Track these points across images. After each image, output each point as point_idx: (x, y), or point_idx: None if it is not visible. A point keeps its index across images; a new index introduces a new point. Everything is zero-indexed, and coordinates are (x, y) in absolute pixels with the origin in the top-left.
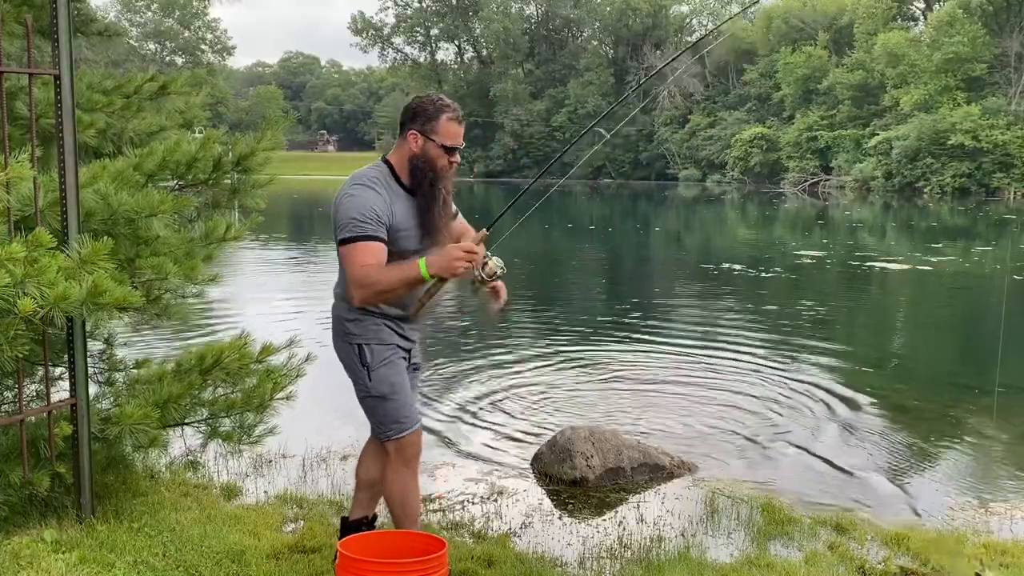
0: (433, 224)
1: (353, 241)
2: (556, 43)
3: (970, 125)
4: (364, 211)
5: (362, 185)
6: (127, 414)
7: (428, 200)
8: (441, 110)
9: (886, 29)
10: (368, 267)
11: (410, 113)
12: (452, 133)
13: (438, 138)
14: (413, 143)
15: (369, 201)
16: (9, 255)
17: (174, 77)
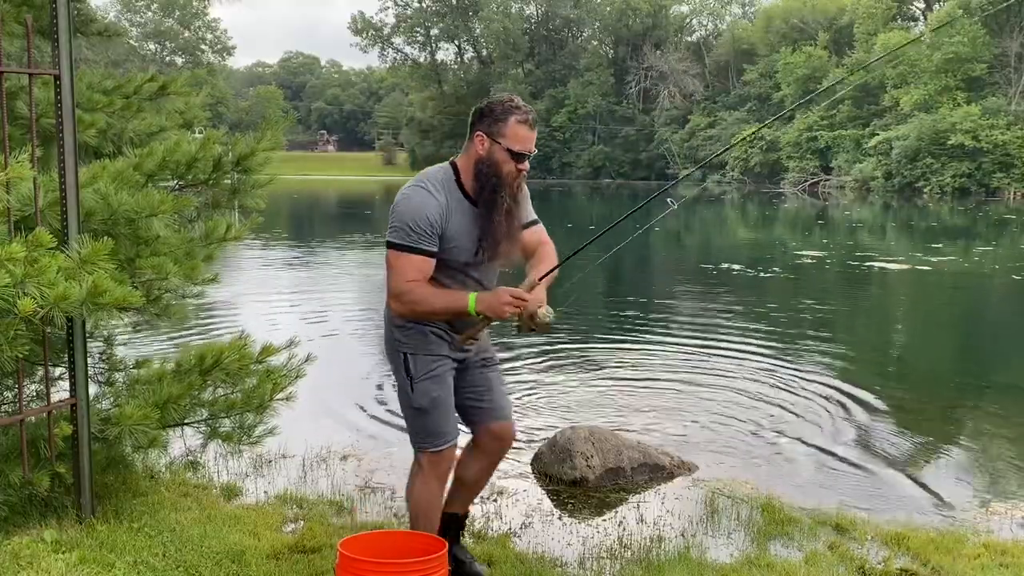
0: (492, 235)
1: (399, 249)
2: (556, 43)
3: (970, 125)
4: (418, 219)
5: (422, 188)
6: (127, 414)
7: (489, 208)
8: (510, 111)
9: (886, 29)
10: (413, 283)
11: (478, 114)
12: (521, 137)
13: (505, 141)
14: (479, 145)
15: (424, 208)
16: (9, 255)
17: (174, 77)
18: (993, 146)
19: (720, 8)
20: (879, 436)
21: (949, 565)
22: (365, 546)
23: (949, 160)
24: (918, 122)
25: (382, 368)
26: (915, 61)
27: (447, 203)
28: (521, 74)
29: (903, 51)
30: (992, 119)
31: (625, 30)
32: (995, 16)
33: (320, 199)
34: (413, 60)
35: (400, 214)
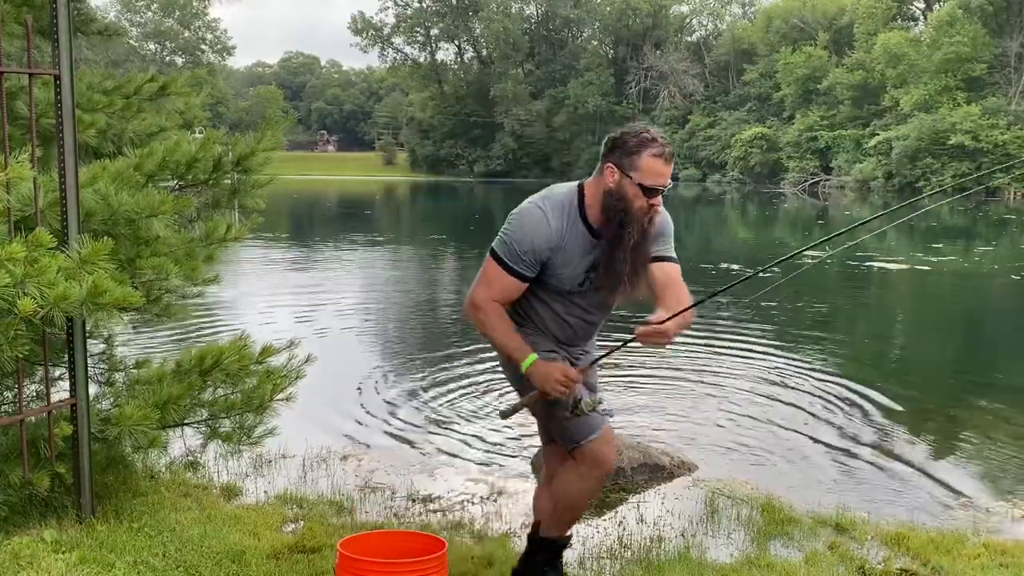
0: (608, 270)
1: (497, 261)
2: (556, 43)
3: (970, 125)
4: (523, 243)
5: (540, 211)
6: (127, 415)
7: (612, 244)
8: (645, 144)
9: (886, 29)
10: (493, 304)
11: (610, 144)
12: (655, 172)
13: (637, 176)
14: (609, 177)
15: (534, 234)
16: (9, 255)
17: (174, 77)
18: (993, 146)
19: (720, 8)
20: (879, 436)
21: (949, 565)
22: (365, 546)
23: (949, 160)
24: (918, 122)
25: (382, 368)
26: (915, 61)
27: (562, 230)
28: (521, 74)
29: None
30: (992, 119)
31: (625, 30)
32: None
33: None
34: (413, 60)
35: (511, 230)
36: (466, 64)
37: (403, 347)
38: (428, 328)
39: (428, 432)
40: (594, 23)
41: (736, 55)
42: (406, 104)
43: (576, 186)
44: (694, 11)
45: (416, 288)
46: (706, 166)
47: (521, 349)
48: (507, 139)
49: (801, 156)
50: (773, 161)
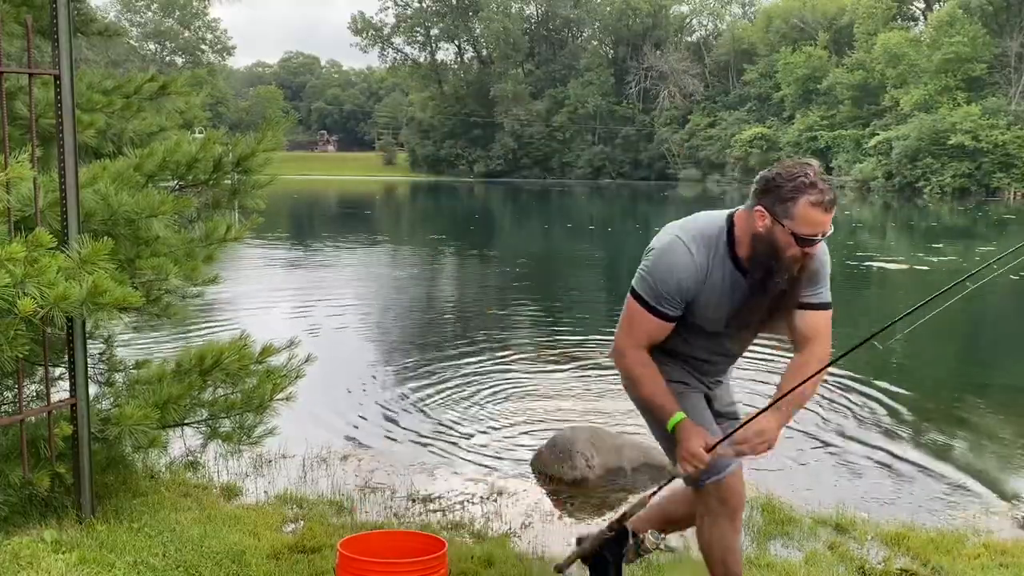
0: (755, 316)
1: (639, 301)
2: (556, 43)
3: (970, 125)
4: (667, 281)
5: (683, 245)
6: (127, 414)
7: (755, 290)
8: (801, 190)
9: (886, 29)
10: (637, 350)
11: (763, 184)
12: (812, 221)
13: (791, 224)
14: (759, 220)
15: (676, 271)
16: (9, 255)
17: (174, 77)
18: (993, 146)
19: (720, 8)
20: (879, 436)
21: (949, 565)
22: (365, 546)
23: (949, 160)
24: (918, 122)
25: (382, 368)
26: (915, 61)
27: (707, 266)
28: (521, 74)
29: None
30: (992, 119)
31: (625, 30)
32: (995, 16)
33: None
34: (413, 60)
35: (652, 266)
36: (466, 64)
37: (403, 347)
38: (428, 328)
39: (428, 432)
40: (594, 23)
41: (736, 55)
42: (406, 104)
43: (725, 217)
44: (694, 11)
45: (416, 288)
46: (706, 166)
47: (667, 406)
48: (507, 139)
49: (801, 156)
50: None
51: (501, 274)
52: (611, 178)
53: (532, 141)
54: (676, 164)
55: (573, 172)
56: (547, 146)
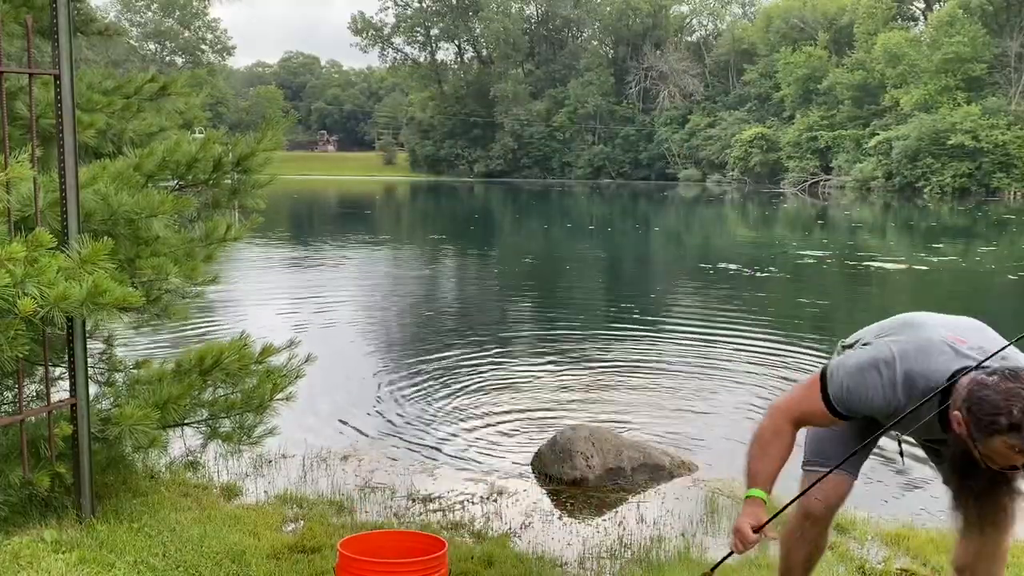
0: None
1: (823, 393)
2: (556, 43)
3: (970, 125)
4: (857, 401)
5: (890, 385)
6: (127, 414)
7: (959, 473)
8: (999, 431)
9: (886, 29)
10: (787, 422)
11: (967, 396)
12: (1006, 458)
13: (984, 451)
14: (957, 424)
15: (872, 398)
16: (9, 255)
17: (174, 77)
18: (993, 146)
19: (720, 8)
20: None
21: (949, 565)
22: (365, 546)
23: (949, 160)
24: (918, 122)
25: (382, 368)
26: (915, 61)
27: (904, 405)
28: (521, 74)
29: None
30: (992, 119)
31: (625, 30)
32: (995, 16)
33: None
34: (413, 60)
35: (851, 383)
36: (466, 64)
37: (404, 347)
38: (429, 328)
39: (428, 432)
40: (594, 23)
41: (736, 55)
42: (406, 104)
43: (952, 372)
44: (694, 11)
45: (416, 288)
46: (706, 166)
47: (753, 478)
48: (507, 139)
49: (801, 156)
50: (773, 161)
51: (501, 274)
52: (611, 178)
53: (532, 141)
54: (676, 164)
55: (573, 172)
56: (547, 146)
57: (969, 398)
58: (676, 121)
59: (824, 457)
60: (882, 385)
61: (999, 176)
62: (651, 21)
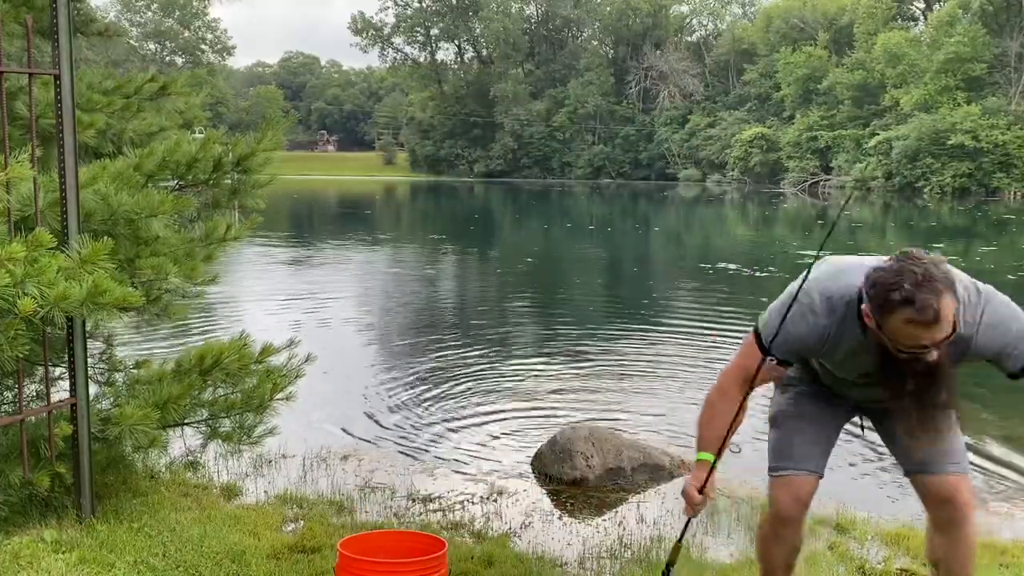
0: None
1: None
2: (556, 43)
3: (970, 125)
4: (789, 331)
5: (811, 312)
6: (127, 414)
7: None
8: (892, 307)
9: (886, 29)
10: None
11: (867, 281)
12: (910, 336)
13: (888, 334)
14: (867, 317)
15: (800, 325)
16: (9, 255)
17: (174, 77)
18: (993, 146)
19: (720, 8)
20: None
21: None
22: (365, 546)
23: (949, 160)
24: (918, 122)
25: (382, 367)
26: (915, 61)
27: (834, 337)
28: (521, 74)
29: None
30: (992, 119)
31: (625, 30)
32: (995, 16)
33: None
34: (413, 60)
35: (780, 320)
36: (466, 64)
37: (403, 346)
38: (429, 327)
39: (428, 432)
40: (594, 23)
41: (736, 55)
42: (406, 104)
43: (857, 286)
44: (694, 11)
45: (416, 288)
46: (706, 166)
47: (700, 442)
48: (507, 139)
49: (801, 156)
50: (773, 161)
51: (501, 273)
52: (611, 178)
53: (532, 141)
54: (676, 164)
55: (573, 172)
56: (547, 146)
57: (866, 283)
58: (676, 121)
59: (788, 460)
60: (803, 313)
61: (999, 176)
62: (651, 21)
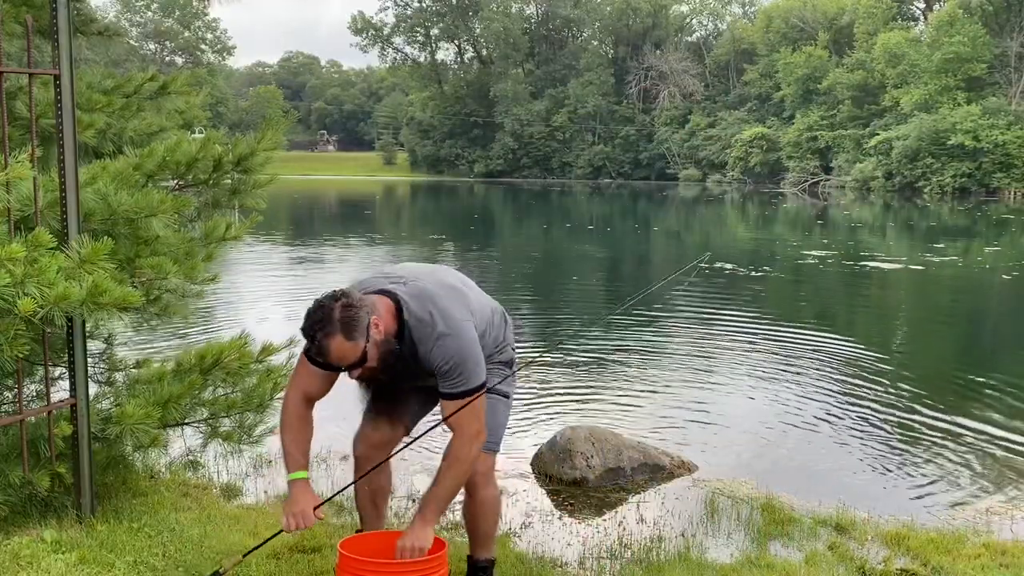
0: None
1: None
2: (556, 43)
3: (970, 125)
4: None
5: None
6: (127, 414)
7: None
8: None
9: (886, 29)
10: (291, 398)
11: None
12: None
13: None
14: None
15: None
16: (9, 255)
17: (174, 77)
18: (993, 146)
19: (720, 8)
20: (879, 436)
21: (949, 565)
22: (365, 546)
23: (949, 160)
24: (918, 122)
25: None
26: (915, 61)
27: None
28: (521, 74)
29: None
30: (992, 119)
31: (625, 30)
32: (995, 16)
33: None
34: (413, 60)
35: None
36: (466, 64)
37: None
38: None
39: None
40: (594, 23)
41: (736, 55)
42: (406, 104)
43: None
44: (694, 11)
45: None
46: (706, 166)
47: (290, 460)
48: (507, 139)
49: (801, 156)
50: (773, 161)
51: (501, 273)
52: (611, 178)
53: (532, 141)
54: (676, 164)
55: (573, 172)
56: (547, 146)
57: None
58: (676, 121)
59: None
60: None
61: (999, 176)
62: (651, 21)
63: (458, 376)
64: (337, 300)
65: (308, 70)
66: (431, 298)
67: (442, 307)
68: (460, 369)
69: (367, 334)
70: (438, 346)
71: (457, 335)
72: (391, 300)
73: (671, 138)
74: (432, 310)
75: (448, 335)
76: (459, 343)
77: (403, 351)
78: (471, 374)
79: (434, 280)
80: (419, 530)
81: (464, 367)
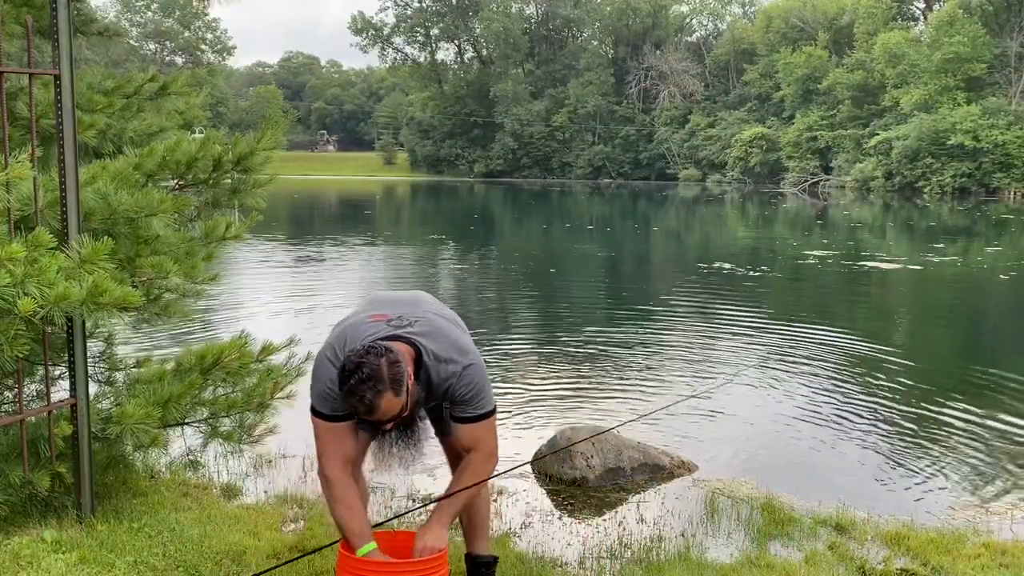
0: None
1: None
2: (556, 43)
3: (970, 125)
4: (321, 389)
5: (334, 356)
6: (128, 414)
7: None
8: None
9: (886, 29)
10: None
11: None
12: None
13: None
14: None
15: (325, 378)
16: (9, 255)
17: (174, 77)
18: (993, 146)
19: (720, 8)
20: (879, 436)
21: (949, 565)
22: None
23: (949, 160)
24: (918, 122)
25: None
26: (915, 61)
27: None
28: (521, 74)
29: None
30: (992, 119)
31: (625, 30)
32: (995, 16)
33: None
34: (413, 60)
35: (313, 380)
36: (466, 64)
37: None
38: None
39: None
40: (594, 23)
41: (736, 55)
42: (406, 104)
43: (367, 336)
44: (694, 11)
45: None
46: (706, 166)
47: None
48: (507, 139)
49: (801, 156)
50: (773, 161)
51: (501, 273)
52: (611, 178)
53: (532, 141)
54: (676, 164)
55: (573, 172)
56: (547, 146)
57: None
58: (676, 121)
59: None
60: (326, 367)
61: (999, 176)
62: (651, 21)
63: (480, 400)
64: (382, 356)
65: (308, 70)
66: (443, 334)
67: (454, 339)
68: (482, 394)
69: (407, 386)
70: (464, 376)
71: (476, 363)
72: (409, 346)
73: (671, 138)
74: (449, 346)
75: (472, 364)
76: (479, 370)
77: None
78: (488, 396)
79: (431, 312)
80: (437, 531)
81: (484, 391)
